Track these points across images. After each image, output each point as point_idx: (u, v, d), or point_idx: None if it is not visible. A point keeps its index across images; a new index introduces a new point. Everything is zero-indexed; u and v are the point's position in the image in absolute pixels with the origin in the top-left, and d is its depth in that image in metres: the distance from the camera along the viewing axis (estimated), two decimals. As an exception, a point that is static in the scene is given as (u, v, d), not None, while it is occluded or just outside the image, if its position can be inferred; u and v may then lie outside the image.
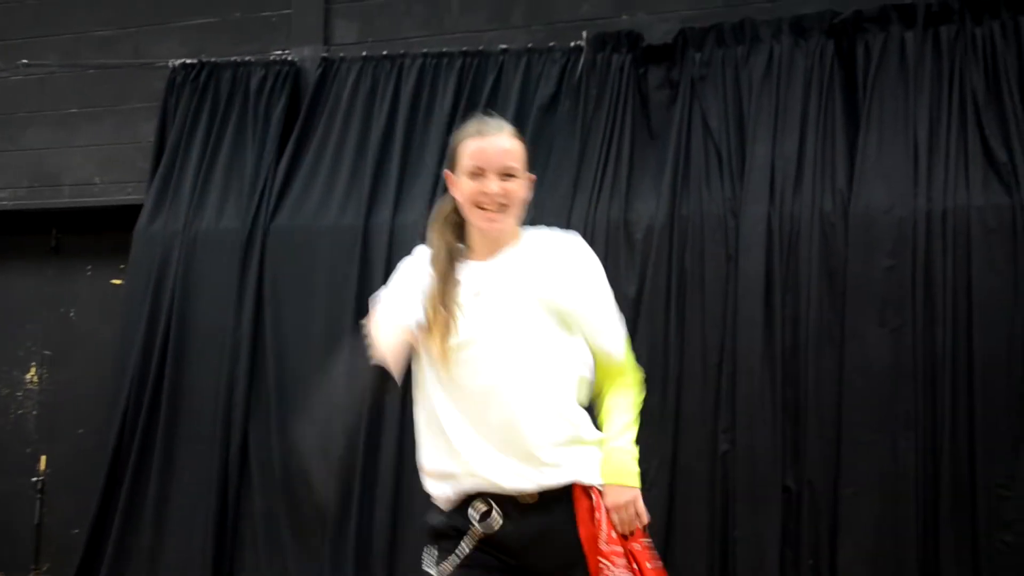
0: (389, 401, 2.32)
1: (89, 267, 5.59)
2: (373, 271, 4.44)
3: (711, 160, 4.15)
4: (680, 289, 4.04)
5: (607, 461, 2.18)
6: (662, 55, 4.31)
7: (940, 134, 3.87)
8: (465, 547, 2.12)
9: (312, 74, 4.81)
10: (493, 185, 2.15)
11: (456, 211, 2.26)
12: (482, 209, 2.16)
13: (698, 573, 3.79)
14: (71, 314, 5.59)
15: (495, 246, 2.23)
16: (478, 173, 2.16)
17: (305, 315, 4.50)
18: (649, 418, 3.88)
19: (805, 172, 3.99)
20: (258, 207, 4.66)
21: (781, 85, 4.12)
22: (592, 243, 4.00)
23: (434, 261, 2.24)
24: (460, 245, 2.26)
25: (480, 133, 2.19)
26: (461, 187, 2.20)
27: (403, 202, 4.51)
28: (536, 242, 2.26)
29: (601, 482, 2.20)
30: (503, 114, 4.38)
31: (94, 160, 5.36)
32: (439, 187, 4.45)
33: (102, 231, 5.48)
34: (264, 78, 4.87)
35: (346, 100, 4.73)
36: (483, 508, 2.14)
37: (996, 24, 3.89)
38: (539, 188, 4.23)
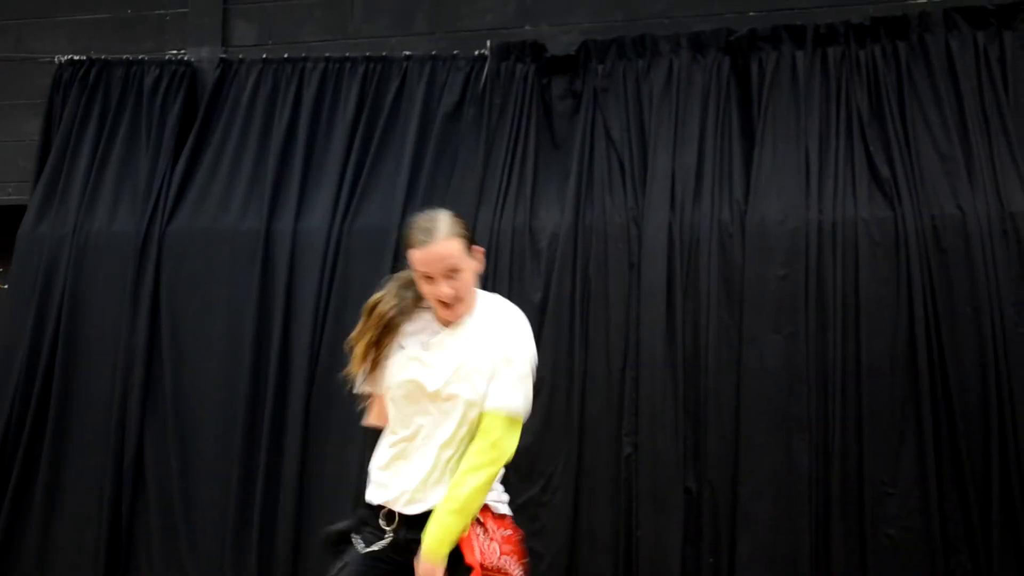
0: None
1: (-34, 270, 5.33)
2: (275, 277, 4.39)
3: (614, 169, 4.26)
4: (584, 296, 4.13)
5: (434, 526, 2.37)
6: (565, 66, 4.41)
7: (829, 149, 4.07)
8: (385, 540, 2.46)
9: (210, 75, 4.72)
10: (444, 288, 2.41)
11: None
12: (442, 304, 2.44)
13: (603, 572, 3.88)
14: (-55, 318, 5.31)
15: (453, 320, 2.51)
16: (428, 278, 2.41)
17: (204, 322, 4.40)
18: (555, 421, 4.02)
19: (704, 183, 4.14)
20: (153, 210, 4.54)
21: (680, 98, 4.26)
22: (497, 250, 4.15)
23: (381, 307, 2.52)
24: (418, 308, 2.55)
25: (421, 243, 2.41)
26: (419, 284, 2.47)
27: (305, 208, 4.47)
28: (483, 318, 2.51)
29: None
30: (407, 122, 4.45)
31: (-29, 158, 5.12)
32: (342, 194, 4.43)
33: (-20, 232, 5.23)
34: (159, 78, 4.75)
35: (246, 103, 4.65)
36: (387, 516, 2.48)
37: (877, 48, 4.12)
38: (444, 195, 4.31)
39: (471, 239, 2.49)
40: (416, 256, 2.41)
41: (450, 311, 2.45)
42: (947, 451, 3.76)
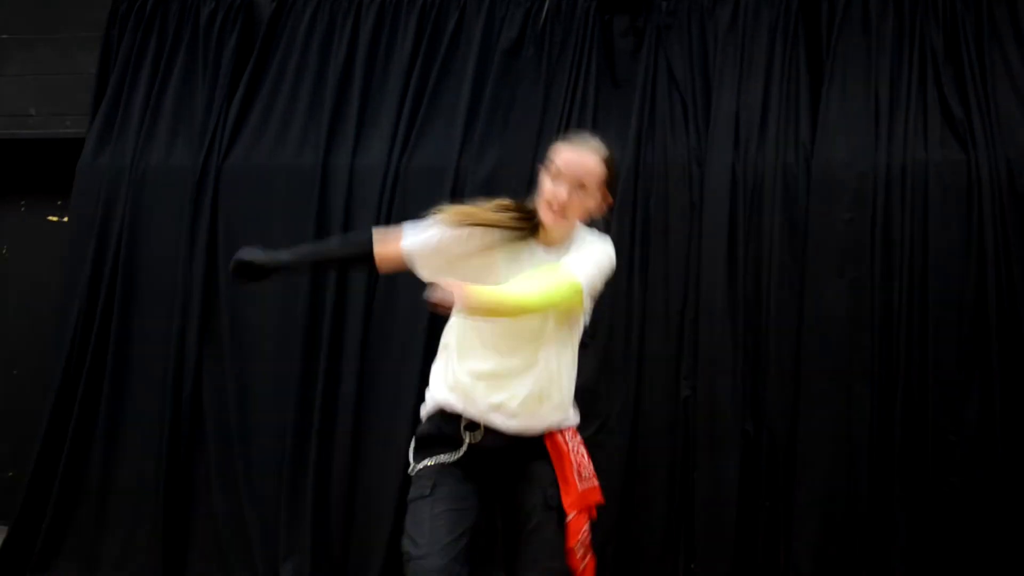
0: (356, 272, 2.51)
1: (23, 202, 5.38)
2: (331, 213, 4.37)
3: (676, 109, 4.18)
4: (644, 236, 4.08)
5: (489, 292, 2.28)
6: (627, 2, 4.31)
7: (900, 91, 3.97)
8: (463, 448, 2.42)
9: (266, 9, 4.67)
10: (562, 191, 2.39)
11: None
12: (547, 206, 2.41)
13: (659, 515, 3.88)
14: (4, 251, 5.37)
15: (555, 242, 2.49)
16: (556, 176, 2.41)
17: (261, 257, 4.39)
18: (612, 362, 3.99)
19: (769, 124, 4.06)
20: (210, 145, 4.52)
21: (746, 36, 4.17)
22: (557, 189, 4.08)
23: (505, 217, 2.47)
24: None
25: (573, 144, 2.46)
26: (542, 183, 2.44)
27: (362, 144, 4.43)
28: (579, 240, 2.53)
29: (567, 424, 2.50)
30: (465, 59, 4.39)
31: (29, 91, 5.12)
32: (399, 131, 4.39)
33: (38, 165, 5.26)
34: (215, 11, 4.70)
35: (301, 39, 4.61)
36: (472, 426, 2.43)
37: (955, -15, 3.99)
38: (502, 133, 4.26)
39: (613, 184, 2.52)
40: (561, 150, 2.43)
41: (553, 217, 2.40)
42: (1014, 401, 3.69)
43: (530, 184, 3.91)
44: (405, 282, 4.13)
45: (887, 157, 3.90)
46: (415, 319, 4.09)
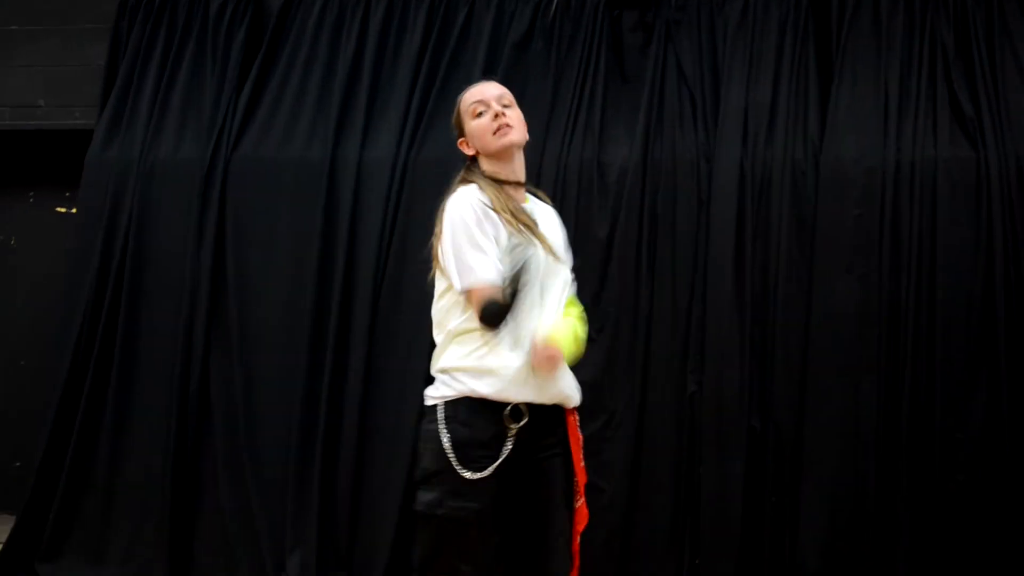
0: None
1: (32, 194, 5.39)
2: (340, 206, 4.37)
3: (685, 104, 4.18)
4: (652, 232, 4.07)
5: (571, 324, 2.40)
6: (637, -2, 4.31)
7: (910, 87, 3.96)
8: (507, 447, 2.31)
9: (275, 2, 4.67)
10: (496, 106, 2.45)
11: (471, 167, 2.52)
12: (496, 132, 2.44)
13: (665, 509, 3.88)
14: (12, 242, 5.39)
15: (519, 180, 2.52)
16: (481, 110, 2.46)
17: (269, 250, 4.41)
18: (619, 357, 3.99)
19: (778, 120, 4.05)
20: (219, 138, 4.52)
21: (756, 32, 4.16)
22: (564, 184, 4.12)
23: (496, 199, 2.42)
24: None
25: (472, 86, 2.55)
26: (472, 132, 2.48)
27: (371, 137, 4.43)
28: (541, 204, 2.62)
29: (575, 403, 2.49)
30: (474, 52, 4.40)
31: (37, 82, 5.13)
32: (408, 124, 4.39)
33: (46, 157, 5.27)
34: (224, 3, 4.70)
35: (311, 31, 4.61)
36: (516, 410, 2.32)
37: (966, -20, 3.99)
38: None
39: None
40: (471, 92, 2.52)
41: (507, 134, 2.44)
42: (1021, 399, 3.69)
43: (537, 179, 3.95)
44: (411, 278, 4.17)
45: (896, 154, 3.90)
46: (421, 313, 4.08)
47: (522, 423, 2.30)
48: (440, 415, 2.34)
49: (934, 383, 3.75)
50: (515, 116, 2.49)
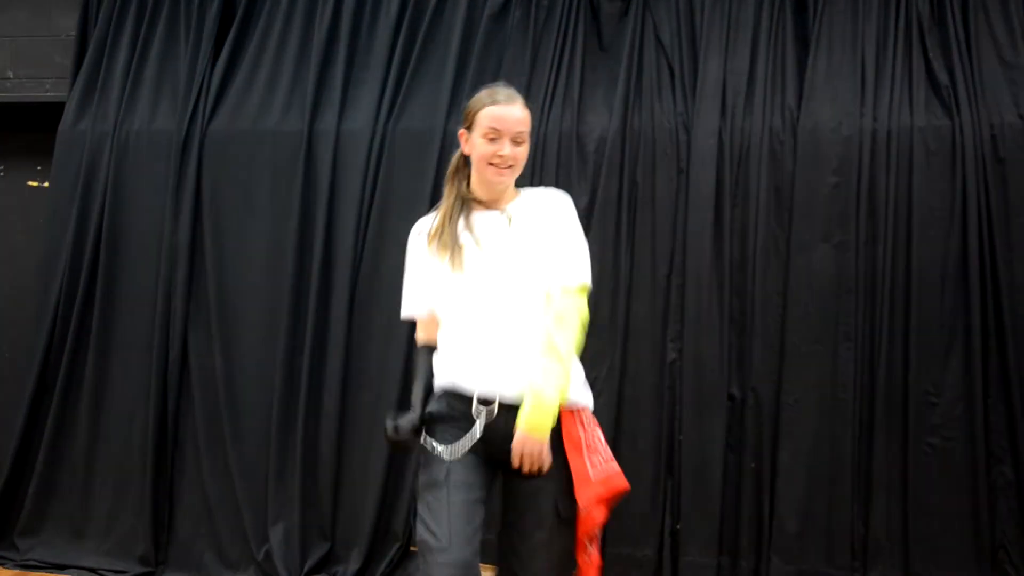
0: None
1: (1, 167, 5.31)
2: (318, 178, 4.35)
3: (663, 74, 4.19)
4: (631, 201, 4.09)
5: (531, 409, 2.30)
6: (614, -33, 4.30)
7: (886, 56, 3.99)
8: (476, 432, 2.38)
9: (249, -31, 4.62)
10: (507, 149, 2.47)
11: (465, 164, 2.58)
12: (494, 167, 2.48)
13: (645, 477, 3.92)
14: (-17, 217, 5.32)
15: (499, 200, 2.55)
16: (494, 137, 2.47)
17: (246, 221, 4.38)
18: (599, 327, 4.01)
19: (756, 89, 4.07)
20: (194, 109, 4.48)
21: (733, 2, 4.17)
22: (543, 154, 4.11)
23: (443, 205, 2.59)
24: (467, 194, 2.58)
25: (499, 102, 2.50)
26: (476, 147, 2.51)
27: (348, 108, 4.41)
28: (530, 198, 2.57)
29: (577, 405, 2.46)
30: (451, 22, 4.37)
31: (6, 53, 5.04)
32: (385, 95, 4.37)
33: (16, 129, 5.19)
34: (197, -28, 4.64)
35: (287, 0, 4.56)
36: (485, 405, 2.40)
37: (941, -51, 4.01)
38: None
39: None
40: (492, 111, 2.48)
41: (501, 175, 2.49)
42: (995, 363, 3.76)
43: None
44: (390, 250, 4.16)
45: (872, 122, 3.93)
46: (401, 282, 4.07)
47: (491, 407, 2.37)
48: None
49: (909, 349, 3.81)
50: (521, 154, 2.51)
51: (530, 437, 2.28)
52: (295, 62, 4.49)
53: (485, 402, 2.38)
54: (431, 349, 2.55)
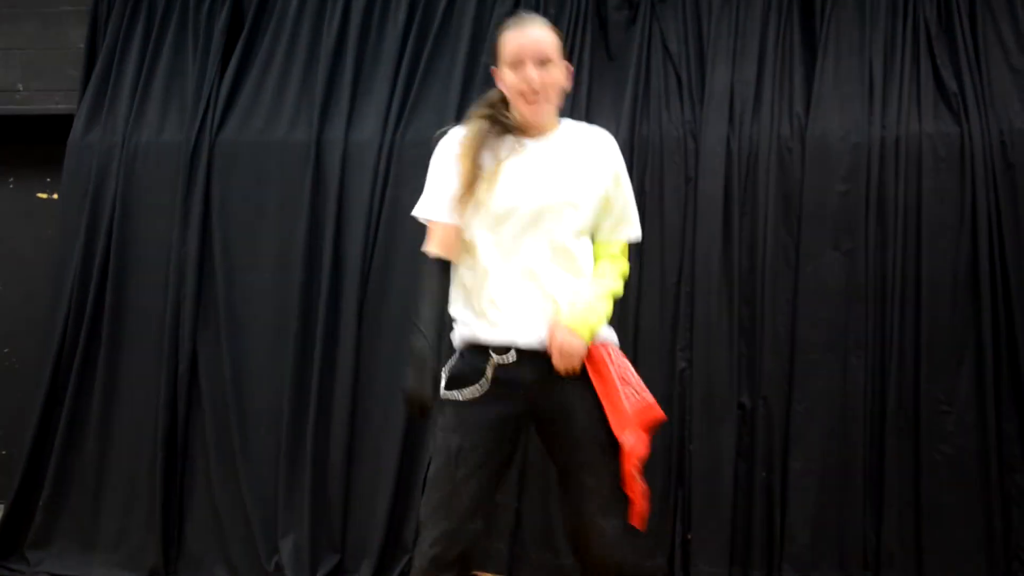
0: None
1: (11, 179, 5.33)
2: (326, 188, 4.35)
3: (670, 82, 4.18)
4: (639, 210, 4.02)
5: (580, 308, 2.36)
6: (621, -25, 4.30)
7: (894, 63, 3.98)
8: (487, 377, 2.36)
9: (257, -19, 4.63)
10: (532, 72, 2.35)
11: (503, 100, 2.49)
12: (523, 97, 2.38)
13: (655, 486, 3.89)
14: (-8, 228, 5.34)
15: (540, 130, 2.47)
16: (517, 63, 2.37)
17: (255, 233, 4.38)
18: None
19: (764, 97, 4.06)
20: (202, 121, 4.49)
21: (740, 10, 4.16)
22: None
23: (466, 137, 2.46)
24: (501, 122, 2.47)
25: (516, 25, 2.42)
26: (504, 79, 2.43)
27: (356, 119, 4.41)
28: (577, 130, 2.54)
29: (603, 339, 2.47)
30: (459, 32, 4.38)
31: (16, 66, 5.07)
32: (393, 105, 4.37)
33: (26, 141, 5.21)
34: (205, -16, 4.66)
35: (294, 11, 4.56)
36: (503, 350, 2.38)
37: (948, -44, 4.00)
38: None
39: (563, 50, 2.48)
40: (510, 36, 2.39)
41: (534, 105, 2.39)
42: (1007, 371, 3.74)
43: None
44: (399, 259, 4.16)
45: (881, 129, 3.92)
46: (411, 291, 4.06)
47: (505, 359, 2.36)
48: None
49: (920, 357, 3.79)
50: (550, 78, 2.39)
51: (571, 332, 2.29)
52: (303, 72, 4.50)
53: (501, 351, 2.36)
54: (446, 266, 2.45)
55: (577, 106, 4.20)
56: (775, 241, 3.94)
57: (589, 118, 4.16)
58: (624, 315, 4.00)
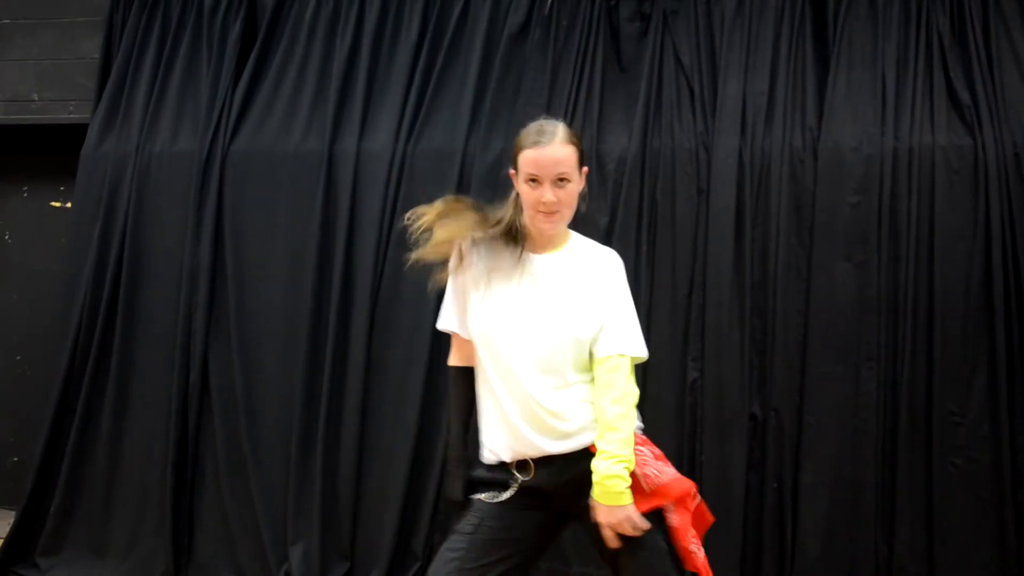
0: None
1: (26, 188, 5.37)
2: (338, 198, 4.36)
3: (683, 94, 4.19)
4: (651, 221, 4.09)
5: (600, 484, 2.29)
6: (634, -13, 4.31)
7: (907, 75, 3.98)
8: (511, 489, 2.40)
9: (270, -7, 4.66)
10: (548, 195, 2.36)
11: (518, 203, 2.49)
12: (541, 214, 2.39)
13: (666, 497, 3.89)
14: (6, 237, 5.37)
15: (549, 244, 2.48)
16: (535, 181, 2.37)
17: (267, 242, 4.40)
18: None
19: (776, 108, 4.07)
20: (215, 130, 4.51)
21: (753, 21, 4.17)
22: (564, 174, 4.09)
23: (496, 229, 2.48)
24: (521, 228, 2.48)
25: (536, 144, 2.38)
26: (522, 191, 2.43)
27: (368, 129, 4.43)
28: (584, 250, 2.50)
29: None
30: (471, 43, 4.39)
31: (30, 76, 5.11)
32: (405, 115, 4.39)
33: (40, 151, 5.25)
34: (219, -5, 4.69)
35: (307, 22, 4.59)
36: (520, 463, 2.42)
37: (961, -33, 4.01)
38: (509, 118, 4.26)
39: (583, 157, 2.46)
40: (528, 155, 2.37)
41: (550, 222, 2.40)
42: (1020, 381, 3.72)
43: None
44: (410, 270, 4.15)
45: (894, 141, 3.92)
46: (421, 304, 4.09)
47: (528, 478, 2.39)
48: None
49: (932, 369, 3.78)
50: (566, 196, 2.38)
51: (611, 509, 2.28)
52: (316, 83, 4.52)
53: (521, 468, 2.40)
54: (464, 372, 2.53)
55: (589, 118, 4.21)
56: (787, 252, 3.94)
57: (601, 130, 4.20)
58: (635, 326, 4.01)
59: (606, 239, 4.04)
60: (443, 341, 2.65)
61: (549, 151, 2.36)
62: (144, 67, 4.71)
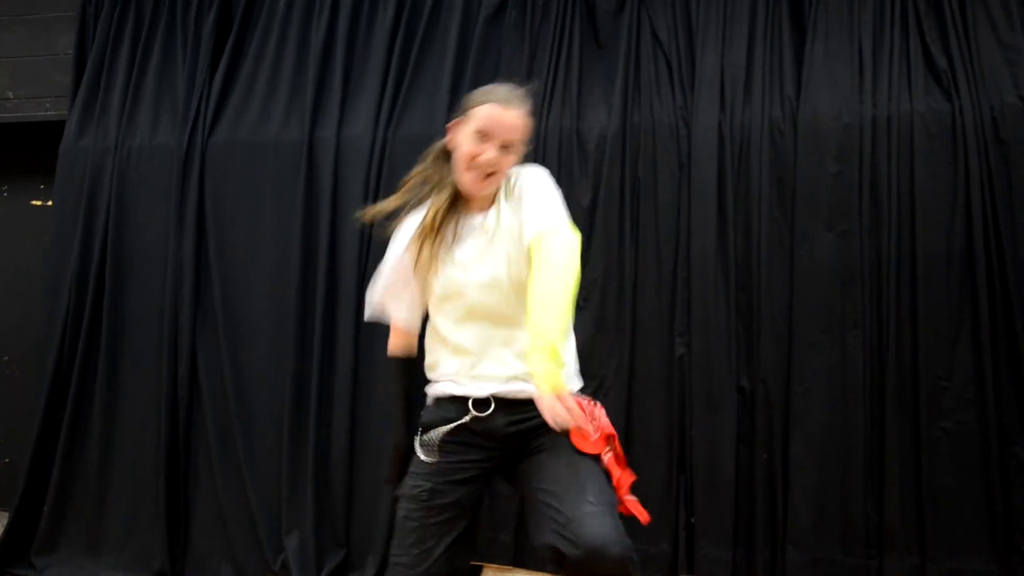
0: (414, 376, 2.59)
1: (5, 188, 5.33)
2: (319, 186, 4.36)
3: (661, 70, 4.18)
4: (634, 197, 4.09)
5: (542, 372, 2.11)
6: (608, -37, 4.30)
7: (884, 42, 3.98)
8: (466, 418, 2.37)
9: (244, -19, 4.63)
10: (491, 152, 2.32)
11: (446, 158, 2.46)
12: (473, 172, 2.35)
13: (657, 472, 3.92)
14: (-12, 237, 5.35)
15: (482, 203, 2.44)
16: (484, 137, 2.33)
17: (250, 233, 4.39)
18: (606, 323, 4.01)
19: (754, 80, 4.06)
20: (194, 122, 4.50)
21: (728, -6, 4.16)
22: (544, 154, 4.11)
23: (433, 199, 2.45)
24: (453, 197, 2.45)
25: (504, 102, 2.35)
26: (462, 142, 2.37)
27: (348, 116, 4.41)
28: (507, 189, 2.43)
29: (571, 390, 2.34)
30: (447, 24, 4.37)
31: (5, 73, 5.07)
32: (384, 101, 4.37)
33: (18, 149, 5.21)
34: (192, -14, 4.66)
35: (282, 11, 4.57)
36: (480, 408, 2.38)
37: (935, -69, 4.00)
38: (488, 99, 4.23)
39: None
40: (490, 110, 2.33)
41: (483, 182, 2.35)
42: (1004, 343, 3.74)
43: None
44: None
45: (872, 109, 3.92)
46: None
47: (486, 413, 2.36)
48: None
49: (917, 334, 3.79)
50: (506, 163, 2.36)
51: (552, 396, 2.09)
52: (293, 71, 4.51)
53: (481, 404, 2.36)
54: (407, 362, 2.56)
55: (568, 96, 4.21)
56: (770, 224, 3.95)
57: (580, 108, 4.19)
58: (621, 303, 4.02)
59: (589, 217, 4.06)
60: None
61: (514, 114, 2.35)
62: (120, 61, 4.68)
